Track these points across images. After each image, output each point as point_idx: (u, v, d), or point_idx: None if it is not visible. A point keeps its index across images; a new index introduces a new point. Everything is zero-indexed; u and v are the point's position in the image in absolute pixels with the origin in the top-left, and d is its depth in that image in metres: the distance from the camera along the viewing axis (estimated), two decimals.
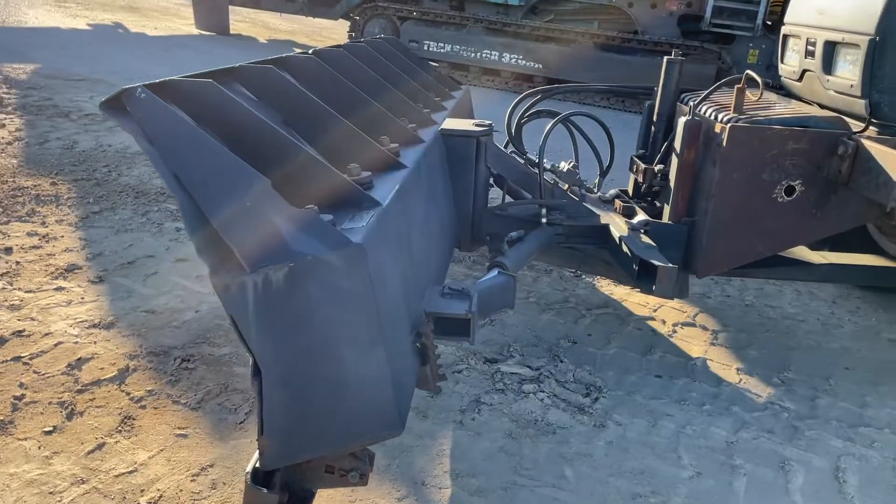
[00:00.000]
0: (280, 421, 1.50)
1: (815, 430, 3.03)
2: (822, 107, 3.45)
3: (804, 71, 3.48)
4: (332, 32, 16.04)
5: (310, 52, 2.64)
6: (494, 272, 2.58)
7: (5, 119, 6.34)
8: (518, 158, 3.52)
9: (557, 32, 11.62)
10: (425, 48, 12.17)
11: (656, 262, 2.90)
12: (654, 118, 3.57)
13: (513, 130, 3.54)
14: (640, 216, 3.32)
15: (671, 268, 2.89)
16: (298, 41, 14.99)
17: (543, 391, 3.10)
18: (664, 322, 3.89)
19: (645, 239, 3.16)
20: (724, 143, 2.94)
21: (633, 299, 4.10)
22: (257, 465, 1.57)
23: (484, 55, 11.83)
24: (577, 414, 2.97)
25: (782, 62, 3.73)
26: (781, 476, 2.74)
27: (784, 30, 3.70)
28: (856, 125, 3.11)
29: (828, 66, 3.28)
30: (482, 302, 2.19)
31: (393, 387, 1.57)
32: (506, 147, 3.57)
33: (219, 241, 1.43)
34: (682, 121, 3.13)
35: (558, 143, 3.52)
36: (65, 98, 7.35)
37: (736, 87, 3.19)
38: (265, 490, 1.56)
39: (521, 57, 11.59)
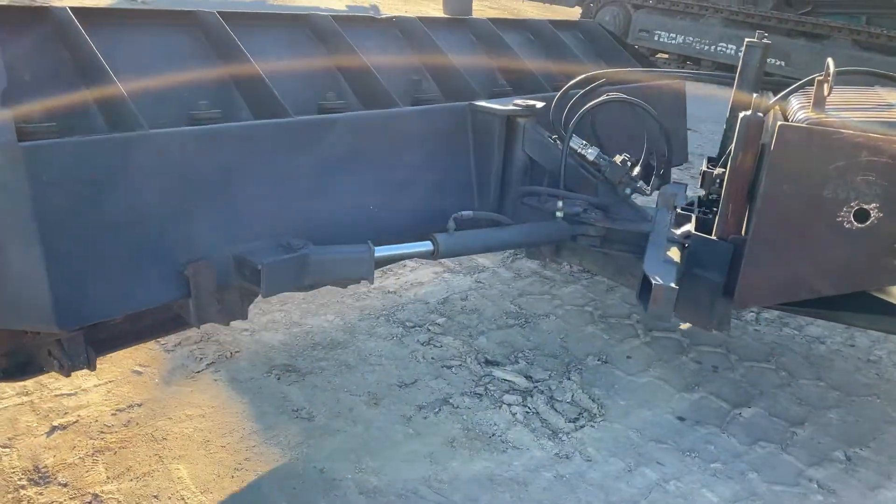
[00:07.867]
0: None
1: None
2: None
3: None
4: (571, 18, 15.75)
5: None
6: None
7: None
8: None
9: (810, 26, 10.26)
10: (655, 38, 11.45)
11: (652, 279, 2.44)
12: (728, 113, 2.99)
13: (562, 117, 3.17)
14: (687, 227, 2.82)
15: (668, 288, 2.42)
16: None
17: (525, 406, 2.77)
18: (734, 358, 3.26)
19: (675, 253, 2.68)
20: (773, 146, 2.37)
21: None
22: None
23: (719, 48, 10.81)
24: (544, 438, 2.60)
25: None
26: None
27: None
28: None
29: None
30: (320, 264, 2.18)
31: (55, 286, 1.67)
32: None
33: None
34: (741, 116, 2.58)
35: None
36: None
37: (817, 79, 2.55)
38: None
39: None
